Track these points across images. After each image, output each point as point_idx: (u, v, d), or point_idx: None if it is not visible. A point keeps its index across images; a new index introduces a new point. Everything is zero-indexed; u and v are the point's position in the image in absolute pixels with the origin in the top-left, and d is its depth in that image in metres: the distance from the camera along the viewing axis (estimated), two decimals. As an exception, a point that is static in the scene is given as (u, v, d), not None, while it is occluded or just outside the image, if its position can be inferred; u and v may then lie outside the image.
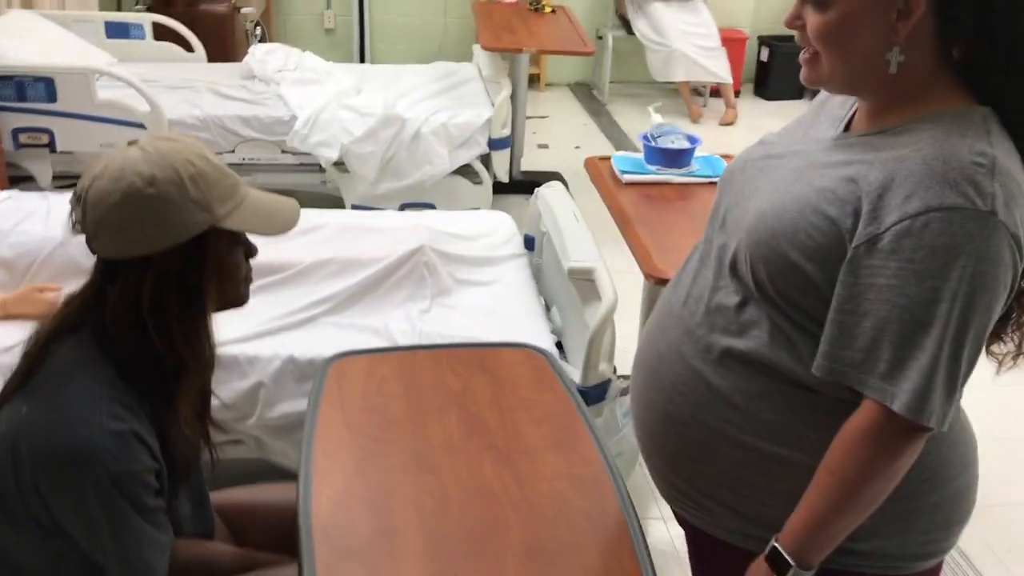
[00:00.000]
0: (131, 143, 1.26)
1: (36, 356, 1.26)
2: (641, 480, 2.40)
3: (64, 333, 1.27)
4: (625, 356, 2.70)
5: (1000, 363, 1.26)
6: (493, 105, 3.78)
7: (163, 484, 1.27)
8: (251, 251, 1.37)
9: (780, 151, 1.28)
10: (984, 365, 1.21)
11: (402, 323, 2.26)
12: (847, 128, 1.23)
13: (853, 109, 1.25)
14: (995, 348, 1.24)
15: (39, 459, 1.18)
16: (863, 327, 1.09)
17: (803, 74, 1.19)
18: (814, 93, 1.34)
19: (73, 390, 1.22)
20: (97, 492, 1.17)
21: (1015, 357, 1.25)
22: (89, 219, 1.23)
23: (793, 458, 1.19)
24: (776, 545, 1.18)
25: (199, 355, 1.31)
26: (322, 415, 1.59)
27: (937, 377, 1.06)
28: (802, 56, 1.19)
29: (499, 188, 3.99)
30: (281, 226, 1.35)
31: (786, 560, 1.16)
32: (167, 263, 1.24)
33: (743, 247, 1.21)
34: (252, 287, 1.41)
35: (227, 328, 1.50)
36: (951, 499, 1.23)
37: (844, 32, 1.12)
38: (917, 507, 1.21)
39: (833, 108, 1.29)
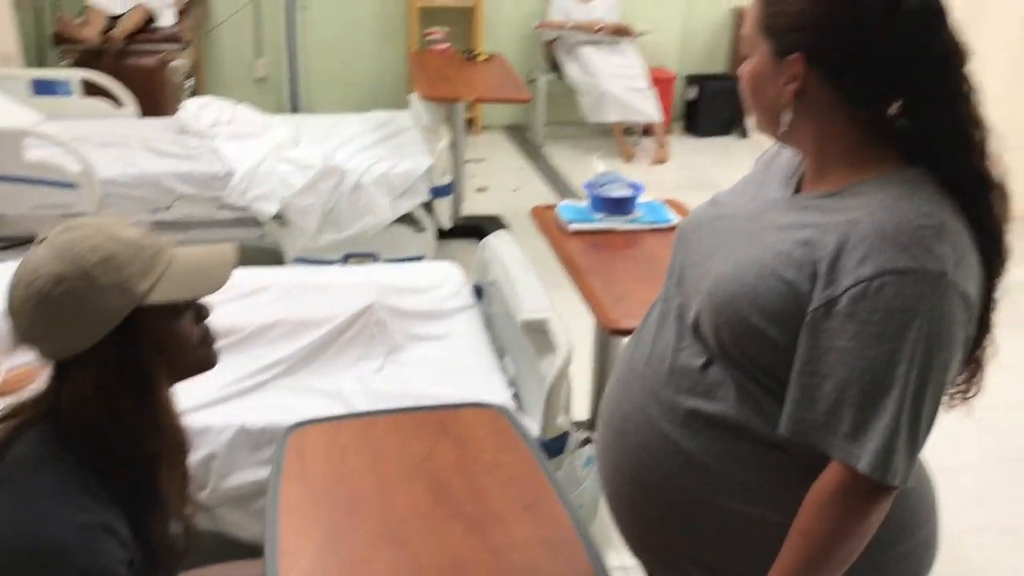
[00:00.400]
0: (39, 240, 1.22)
1: None
2: (601, 530, 2.40)
3: (23, 429, 1.22)
4: (579, 399, 2.72)
5: (949, 398, 1.29)
6: (433, 153, 3.79)
7: (138, 573, 1.22)
8: (202, 312, 1.32)
9: (733, 211, 1.31)
10: None
11: (355, 384, 2.23)
12: (798, 189, 1.27)
13: (801, 169, 1.29)
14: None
15: (6, 556, 1.13)
16: (825, 389, 1.12)
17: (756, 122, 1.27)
18: (742, 130, 1.41)
19: (39, 483, 1.17)
20: None
21: (964, 396, 1.28)
22: (21, 329, 1.20)
23: (767, 517, 1.21)
24: None
25: (161, 440, 1.27)
26: (284, 490, 1.56)
27: (899, 437, 1.09)
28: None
29: (441, 234, 3.99)
30: (215, 282, 1.28)
31: None
32: (104, 355, 1.20)
33: (705, 310, 1.22)
34: None
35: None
36: (920, 547, 1.26)
37: (753, 86, 1.21)
38: (889, 557, 1.23)
39: (781, 167, 1.33)
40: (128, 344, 1.20)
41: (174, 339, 1.26)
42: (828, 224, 1.15)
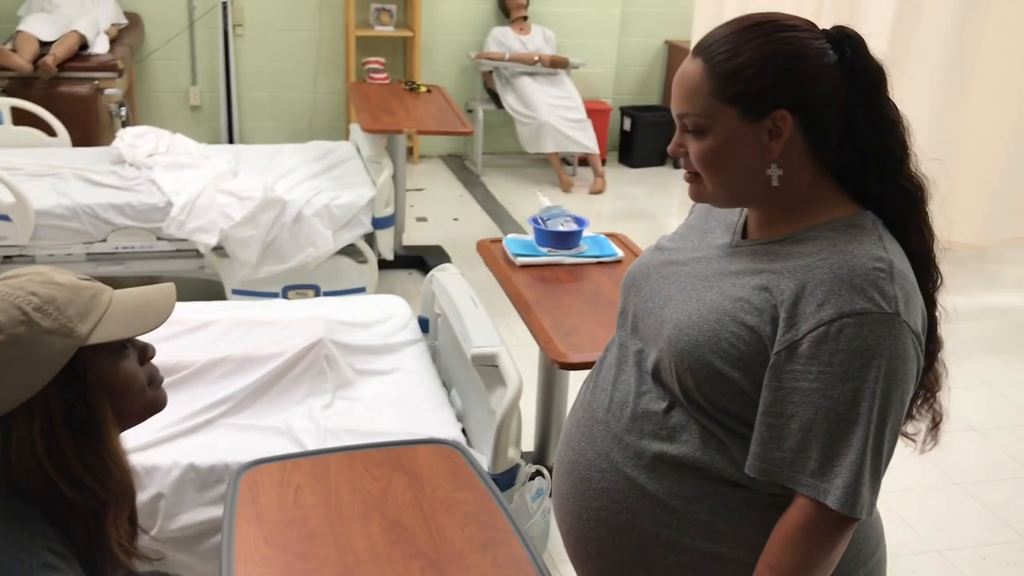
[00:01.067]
0: None
1: None
2: (549, 561, 2.42)
3: None
4: (525, 429, 2.74)
5: (917, 443, 1.36)
6: (375, 184, 3.79)
7: None
8: (147, 353, 1.30)
9: (681, 258, 1.35)
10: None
11: (304, 421, 2.22)
12: (744, 235, 1.32)
13: (744, 215, 1.34)
14: (909, 429, 1.34)
15: None
16: (791, 428, 1.16)
17: (690, 191, 1.29)
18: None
19: (0, 545, 1.14)
20: None
21: (930, 432, 1.35)
22: None
23: (732, 555, 1.24)
24: None
25: (111, 487, 1.24)
26: (239, 532, 1.54)
27: (865, 470, 1.14)
28: (685, 176, 1.29)
29: (383, 264, 3.99)
30: (156, 319, 1.27)
31: None
32: (48, 403, 1.17)
33: (666, 356, 1.26)
34: None
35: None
36: (875, 569, 1.31)
37: (724, 155, 1.22)
38: None
39: (723, 213, 1.37)
40: (73, 388, 1.18)
41: (120, 380, 1.23)
42: (782, 269, 1.20)
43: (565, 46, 6.07)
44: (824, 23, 1.26)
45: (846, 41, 1.21)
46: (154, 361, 1.33)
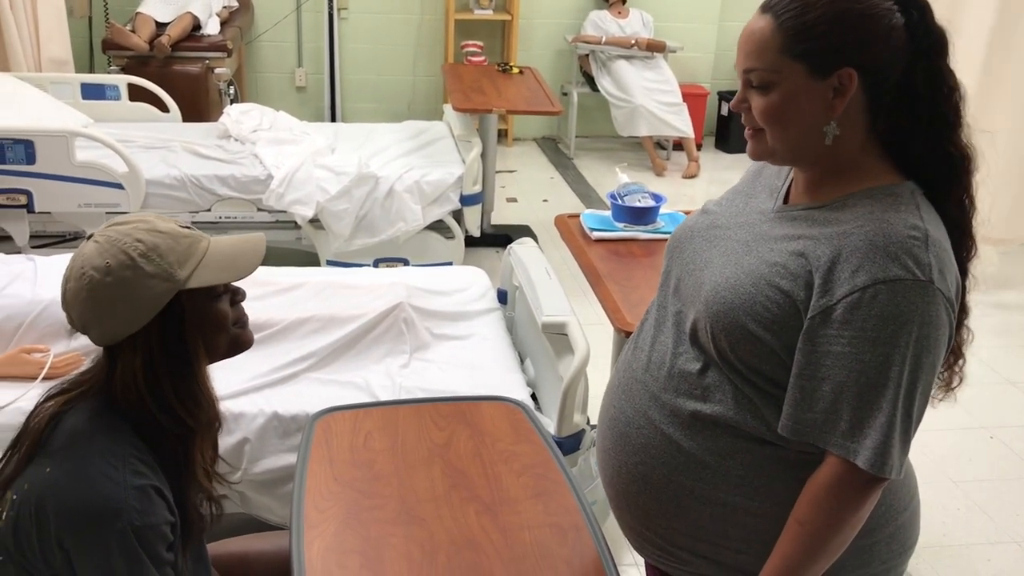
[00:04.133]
0: (88, 237, 1.34)
1: (47, 423, 1.32)
2: (615, 527, 2.47)
3: (74, 404, 1.34)
4: (598, 405, 2.79)
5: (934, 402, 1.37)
6: (464, 162, 3.89)
7: (176, 538, 1.33)
8: (237, 296, 1.44)
9: (725, 222, 1.39)
10: (933, 414, 1.32)
11: (382, 378, 2.33)
12: (786, 199, 1.35)
13: (789, 180, 1.36)
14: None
15: (65, 514, 1.24)
16: (823, 391, 1.20)
17: (749, 149, 1.31)
18: None
19: (96, 449, 1.28)
20: (120, 545, 1.23)
21: (946, 390, 1.38)
22: (74, 318, 1.33)
23: (764, 509, 1.29)
24: None
25: (200, 416, 1.38)
26: (311, 470, 1.66)
27: (894, 432, 1.17)
28: (747, 132, 1.31)
29: (471, 242, 4.10)
30: (247, 267, 1.40)
31: None
32: (150, 338, 1.32)
33: (703, 318, 1.30)
34: None
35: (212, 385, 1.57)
36: (904, 527, 1.34)
37: (788, 111, 1.24)
38: (877, 540, 1.31)
39: (770, 178, 1.40)
40: (171, 326, 1.32)
41: (212, 320, 1.37)
42: (820, 236, 1.23)
43: (664, 30, 6.05)
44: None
45: (912, 4, 1.22)
46: (248, 318, 1.47)
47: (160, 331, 1.32)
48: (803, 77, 1.21)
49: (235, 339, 1.43)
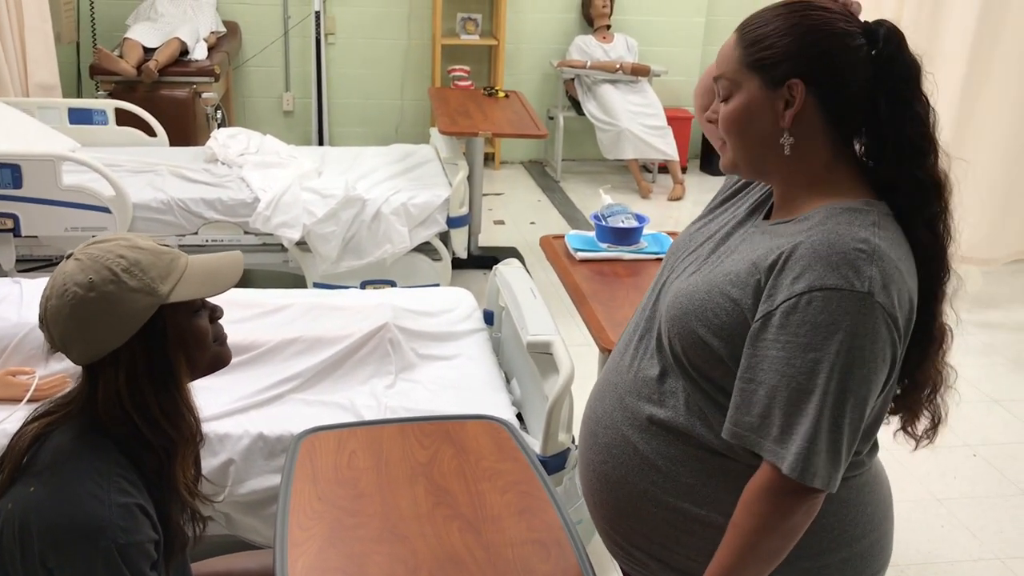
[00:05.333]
0: (67, 256, 1.35)
1: (30, 444, 1.32)
2: (599, 545, 2.48)
3: (58, 425, 1.34)
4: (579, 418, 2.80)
5: (917, 441, 1.39)
6: (451, 185, 3.92)
7: (159, 556, 1.33)
8: (215, 313, 1.45)
9: (709, 233, 1.42)
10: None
11: (367, 399, 2.34)
12: (768, 215, 1.38)
13: (772, 199, 1.39)
14: (909, 428, 1.38)
15: (49, 534, 1.24)
16: (759, 395, 1.22)
17: (720, 161, 1.36)
18: None
19: (80, 468, 1.29)
20: (105, 563, 1.23)
21: (929, 434, 1.38)
22: (55, 337, 1.33)
23: (711, 519, 1.31)
24: None
25: (184, 430, 1.39)
26: (295, 489, 1.66)
27: (819, 441, 1.18)
28: (716, 145, 1.36)
29: (458, 264, 4.12)
30: (227, 282, 1.42)
31: None
32: (133, 353, 1.33)
33: (663, 323, 1.35)
34: None
35: (198, 406, 1.57)
36: (860, 556, 1.34)
37: (743, 120, 1.28)
38: (826, 563, 1.32)
39: (754, 193, 1.44)
40: (154, 341, 1.34)
41: (193, 335, 1.39)
42: (773, 247, 1.26)
43: (648, 54, 6.12)
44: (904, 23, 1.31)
45: (882, 31, 1.25)
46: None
47: (143, 346, 1.33)
48: (758, 87, 1.26)
49: (215, 356, 1.44)
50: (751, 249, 1.29)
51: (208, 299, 1.42)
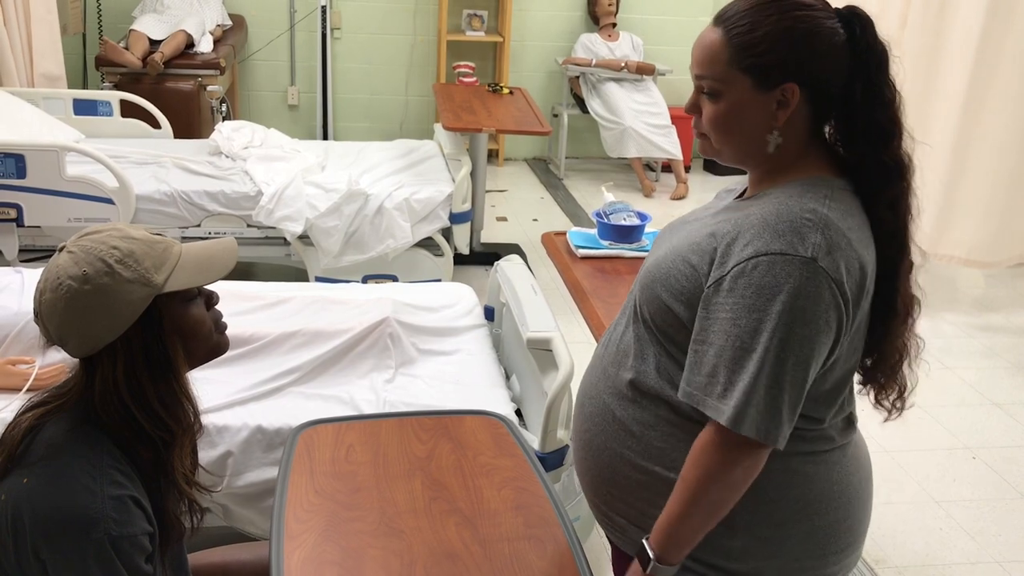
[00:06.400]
0: (60, 249, 1.34)
1: (24, 435, 1.32)
2: (598, 543, 2.48)
3: (51, 416, 1.34)
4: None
5: (888, 412, 1.44)
6: (454, 181, 3.92)
7: (154, 548, 1.33)
8: (211, 300, 1.45)
9: (691, 217, 1.48)
10: (917, 433, 1.36)
11: (367, 393, 2.34)
12: (741, 196, 1.42)
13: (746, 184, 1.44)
14: (882, 399, 1.43)
15: (42, 525, 1.24)
16: (708, 355, 1.27)
17: (699, 146, 1.39)
18: None
19: (74, 459, 1.29)
20: (97, 555, 1.23)
21: (897, 404, 1.43)
22: (51, 331, 1.33)
23: None
24: (644, 543, 1.34)
25: (183, 420, 1.39)
26: (292, 481, 1.66)
27: (755, 395, 1.23)
28: (696, 133, 1.39)
29: (460, 260, 4.12)
30: (221, 269, 1.41)
31: (648, 556, 1.33)
32: (130, 344, 1.32)
33: (637, 292, 1.41)
34: (221, 358, 1.49)
35: (197, 397, 1.57)
36: (823, 530, 1.37)
37: (732, 119, 1.32)
38: (788, 534, 1.35)
39: (741, 182, 1.48)
40: (152, 331, 1.34)
41: (191, 324, 1.39)
42: (732, 218, 1.31)
43: (653, 53, 6.12)
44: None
45: (856, 20, 1.29)
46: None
47: (140, 337, 1.33)
48: (748, 89, 1.29)
49: (213, 344, 1.44)
50: (715, 222, 1.34)
51: (204, 287, 1.42)
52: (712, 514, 1.30)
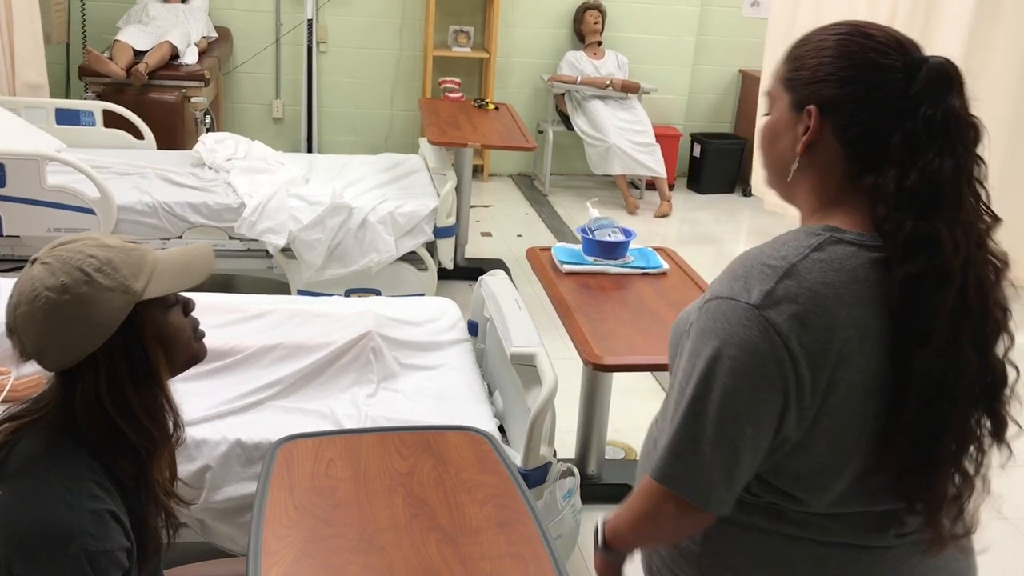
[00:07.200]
0: (32, 261, 1.32)
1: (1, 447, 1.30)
2: (579, 561, 2.46)
3: (27, 429, 1.32)
4: (565, 439, 2.78)
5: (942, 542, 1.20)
6: (439, 195, 3.91)
7: (131, 564, 1.30)
8: (188, 307, 1.43)
9: None
10: None
11: (348, 407, 2.32)
12: None
13: None
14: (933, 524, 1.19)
15: (16, 539, 1.21)
16: (669, 403, 1.24)
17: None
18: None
19: (51, 472, 1.26)
20: (73, 571, 1.21)
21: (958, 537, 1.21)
22: (27, 345, 1.30)
23: (688, 547, 1.30)
24: (598, 524, 1.36)
25: (166, 427, 1.37)
26: (271, 496, 1.64)
27: (682, 448, 1.16)
28: None
29: (444, 274, 4.10)
30: (199, 274, 1.40)
31: (599, 538, 1.35)
32: (111, 354, 1.30)
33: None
34: (200, 371, 1.48)
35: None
36: None
37: (770, 136, 1.26)
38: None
39: None
40: (133, 339, 1.31)
41: (171, 330, 1.37)
42: None
43: (638, 72, 6.14)
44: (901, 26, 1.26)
45: (923, 70, 1.14)
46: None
47: (122, 346, 1.30)
48: (787, 107, 1.22)
49: (193, 352, 1.42)
50: None
51: (180, 294, 1.40)
52: (647, 541, 1.32)
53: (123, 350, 1.30)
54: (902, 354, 1.12)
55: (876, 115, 1.15)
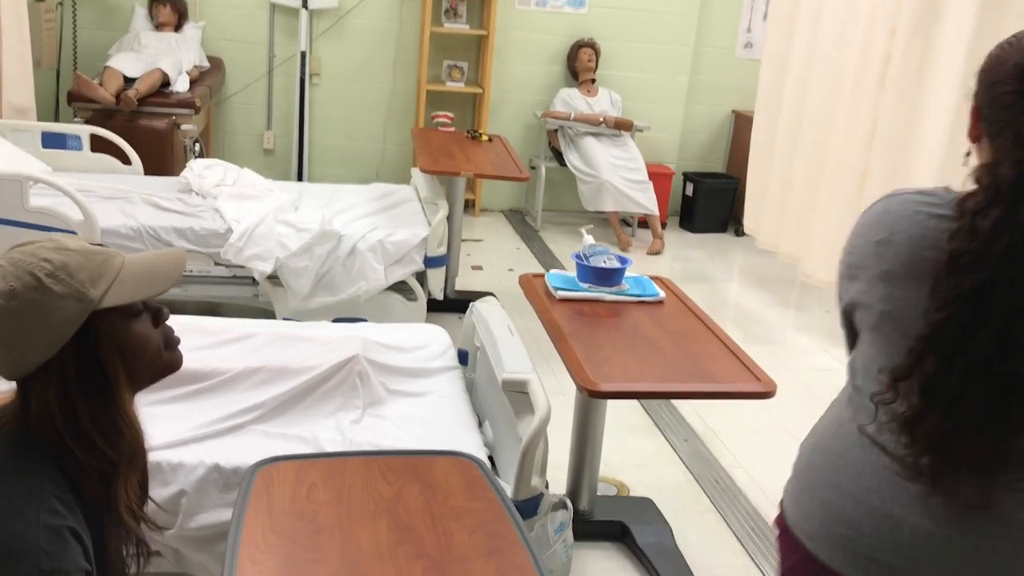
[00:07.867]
0: None
1: None
2: (571, 599, 2.36)
3: None
4: (556, 475, 2.69)
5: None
6: (430, 224, 3.85)
7: None
8: (159, 316, 1.33)
9: None
10: None
11: (332, 433, 2.23)
12: None
13: None
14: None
15: None
16: None
17: None
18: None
19: (9, 486, 1.17)
20: None
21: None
22: None
23: None
24: None
25: (123, 447, 1.27)
26: (248, 520, 1.55)
27: None
28: None
29: (433, 306, 4.02)
30: (166, 280, 1.30)
31: None
32: (64, 366, 1.21)
33: None
34: (178, 393, 1.39)
35: (151, 433, 1.45)
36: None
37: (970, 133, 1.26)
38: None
39: None
40: (87, 351, 1.22)
41: (133, 342, 1.27)
42: None
43: (631, 110, 6.14)
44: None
45: None
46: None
47: (75, 358, 1.21)
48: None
49: (164, 363, 1.32)
50: None
51: (150, 302, 1.30)
52: None
53: (75, 362, 1.21)
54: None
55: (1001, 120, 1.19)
